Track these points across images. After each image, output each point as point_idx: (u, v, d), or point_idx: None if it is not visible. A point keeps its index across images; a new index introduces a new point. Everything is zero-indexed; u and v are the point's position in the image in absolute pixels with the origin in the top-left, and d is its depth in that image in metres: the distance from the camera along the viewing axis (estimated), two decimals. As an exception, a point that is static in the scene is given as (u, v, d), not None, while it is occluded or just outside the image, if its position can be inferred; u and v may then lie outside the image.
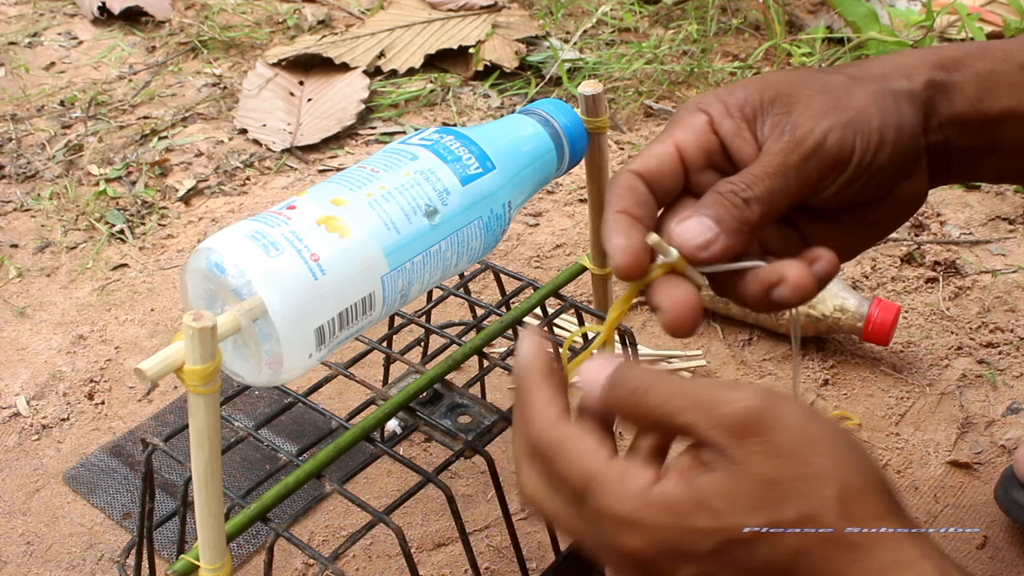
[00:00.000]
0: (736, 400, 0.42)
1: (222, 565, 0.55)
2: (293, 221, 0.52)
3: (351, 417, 0.68)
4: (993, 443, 0.98)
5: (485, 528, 0.91)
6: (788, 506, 0.41)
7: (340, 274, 0.52)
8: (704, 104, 0.54)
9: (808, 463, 0.41)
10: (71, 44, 1.80)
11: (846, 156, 0.51)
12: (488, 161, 0.59)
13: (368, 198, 0.55)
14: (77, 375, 1.08)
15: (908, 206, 0.56)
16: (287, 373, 0.52)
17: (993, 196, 1.35)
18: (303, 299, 0.50)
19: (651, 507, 0.42)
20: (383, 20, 1.78)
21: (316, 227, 0.52)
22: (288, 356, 0.51)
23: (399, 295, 0.56)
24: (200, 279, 0.51)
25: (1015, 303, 1.16)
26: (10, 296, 1.21)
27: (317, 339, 0.52)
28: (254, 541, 0.90)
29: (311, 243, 0.51)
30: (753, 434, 0.42)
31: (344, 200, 0.54)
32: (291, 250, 0.51)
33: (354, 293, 0.53)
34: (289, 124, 1.54)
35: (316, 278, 0.51)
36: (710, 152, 0.54)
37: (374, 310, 0.54)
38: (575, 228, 1.29)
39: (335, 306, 0.52)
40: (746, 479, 0.42)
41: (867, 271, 1.21)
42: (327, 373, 0.73)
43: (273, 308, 0.49)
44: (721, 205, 0.50)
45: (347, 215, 0.54)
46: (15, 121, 1.55)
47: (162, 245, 1.29)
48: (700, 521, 0.42)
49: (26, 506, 0.94)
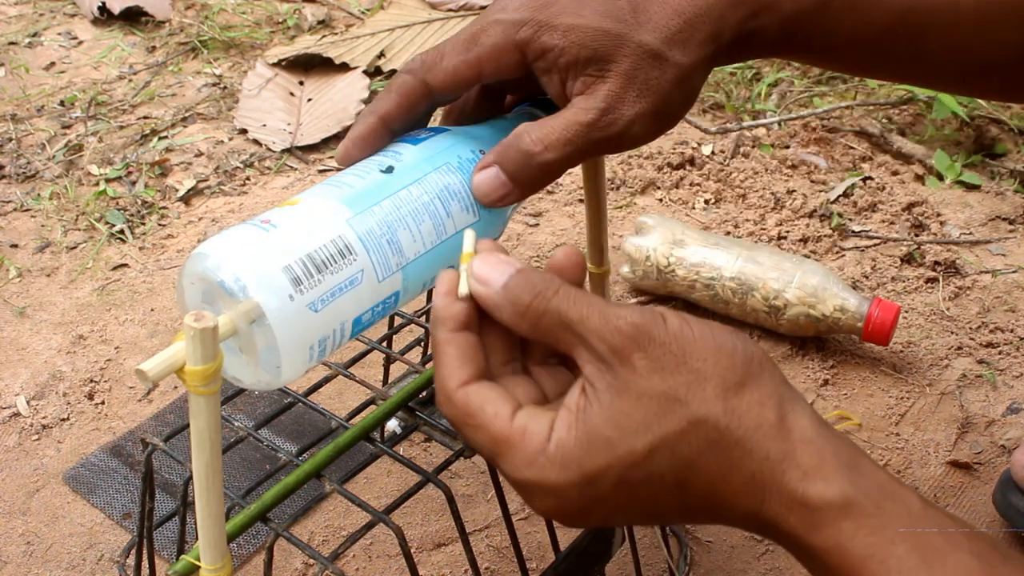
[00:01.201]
0: (625, 315, 0.46)
1: (223, 565, 0.55)
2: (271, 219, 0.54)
3: (351, 417, 0.68)
4: (993, 443, 0.98)
5: (485, 528, 0.91)
6: (673, 417, 0.44)
7: (291, 224, 0.52)
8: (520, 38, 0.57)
9: (687, 370, 0.44)
10: (71, 44, 1.80)
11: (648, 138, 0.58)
12: (443, 131, 0.60)
13: (324, 183, 0.56)
14: (77, 375, 1.08)
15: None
16: (286, 375, 0.51)
17: (993, 196, 1.35)
18: (260, 254, 0.50)
19: (550, 466, 0.45)
20: (383, 20, 1.78)
21: (272, 208, 0.54)
22: (286, 356, 0.50)
23: (382, 240, 0.54)
24: (196, 283, 0.51)
25: (1015, 303, 1.16)
26: (10, 296, 1.21)
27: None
28: (254, 541, 0.90)
29: (266, 216, 0.53)
30: (637, 348, 0.44)
31: (302, 196, 0.56)
32: (246, 227, 0.52)
33: (318, 236, 0.52)
34: (289, 124, 1.54)
35: (267, 232, 0.51)
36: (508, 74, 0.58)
37: (355, 254, 0.53)
38: (575, 228, 1.29)
39: (300, 249, 0.51)
40: (631, 399, 0.44)
41: (867, 271, 1.21)
42: (327, 373, 0.73)
43: (270, 309, 0.49)
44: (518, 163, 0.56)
45: (302, 195, 0.55)
46: (15, 121, 1.55)
47: (162, 245, 1.29)
48: (596, 460, 0.44)
49: (26, 506, 0.94)
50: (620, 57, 0.56)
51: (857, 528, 0.42)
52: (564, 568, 0.72)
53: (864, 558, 0.42)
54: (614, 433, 0.44)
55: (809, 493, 0.43)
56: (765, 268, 1.08)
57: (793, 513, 0.43)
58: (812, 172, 1.39)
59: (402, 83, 0.58)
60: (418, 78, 0.58)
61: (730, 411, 0.44)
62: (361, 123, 0.58)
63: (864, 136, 1.47)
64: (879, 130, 1.46)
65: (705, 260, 1.10)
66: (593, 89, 0.57)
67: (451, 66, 0.57)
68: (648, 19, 0.57)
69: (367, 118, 0.58)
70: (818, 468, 0.43)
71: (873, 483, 0.43)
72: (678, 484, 0.44)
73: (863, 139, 1.46)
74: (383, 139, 0.59)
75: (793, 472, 0.43)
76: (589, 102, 0.56)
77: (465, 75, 0.58)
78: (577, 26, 0.56)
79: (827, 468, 0.43)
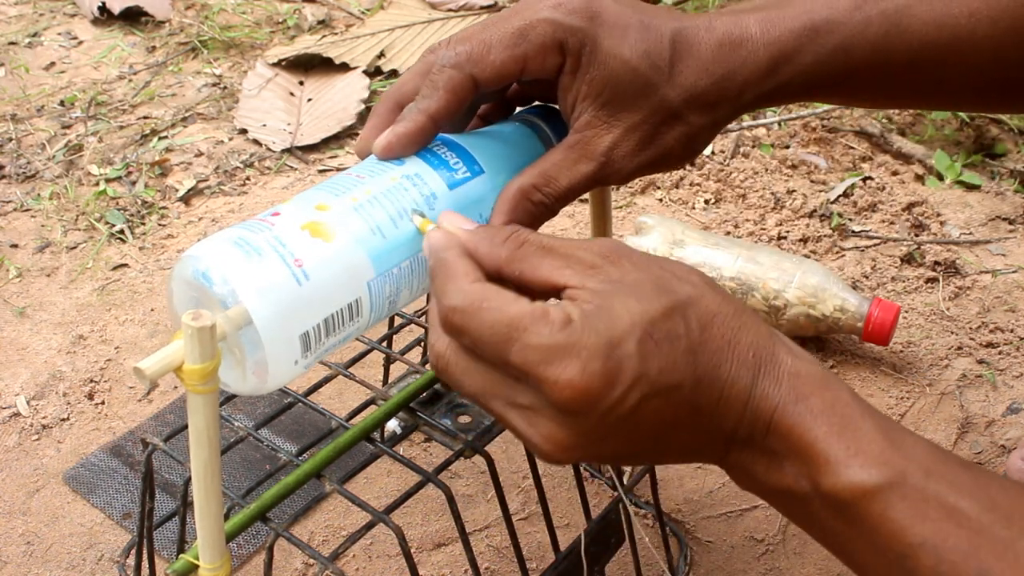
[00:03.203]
0: (598, 241, 0.49)
1: (221, 564, 0.55)
2: (276, 227, 0.51)
3: (351, 417, 0.68)
4: (993, 443, 0.98)
5: (485, 528, 0.91)
6: (680, 289, 0.47)
7: (325, 279, 0.51)
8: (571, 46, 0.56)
9: (669, 269, 0.48)
10: (71, 44, 1.80)
11: (644, 175, 0.61)
12: (476, 165, 0.58)
13: (353, 203, 0.54)
14: (77, 375, 1.08)
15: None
16: (273, 381, 0.51)
17: (993, 196, 1.35)
18: (287, 306, 0.49)
19: (577, 330, 0.45)
20: (383, 20, 1.78)
21: (300, 232, 0.51)
22: (273, 364, 0.50)
23: (387, 301, 0.55)
24: (185, 287, 0.51)
25: (1015, 303, 1.16)
26: (10, 296, 1.21)
27: (303, 346, 0.51)
28: (254, 541, 0.90)
29: (295, 249, 0.51)
30: (622, 256, 0.48)
31: (328, 205, 0.53)
32: (274, 256, 0.50)
33: (340, 299, 0.52)
34: (289, 124, 1.54)
35: (300, 284, 0.50)
36: (544, 75, 0.58)
37: (361, 316, 0.53)
38: (575, 228, 1.29)
39: (320, 312, 0.51)
40: (636, 279, 0.47)
41: (867, 271, 1.21)
42: (327, 373, 0.73)
43: (257, 316, 0.49)
44: (531, 214, 0.57)
45: (331, 220, 0.53)
46: (15, 121, 1.55)
47: (162, 245, 1.29)
48: (621, 323, 0.45)
49: (26, 506, 0.94)
50: (637, 108, 0.57)
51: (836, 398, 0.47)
52: (564, 568, 0.72)
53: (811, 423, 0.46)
54: (632, 303, 0.45)
55: (799, 367, 0.47)
56: (765, 268, 1.08)
57: (782, 385, 0.46)
58: (812, 172, 1.39)
59: (449, 79, 0.55)
60: (465, 73, 0.55)
61: (721, 294, 0.48)
62: (410, 120, 0.56)
63: (864, 136, 1.47)
64: (879, 130, 1.46)
65: (705, 260, 1.10)
66: (598, 134, 0.58)
67: (499, 61, 0.55)
68: (680, 72, 0.58)
69: (416, 116, 0.56)
70: (800, 352, 0.48)
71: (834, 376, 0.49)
72: (690, 351, 0.46)
73: (863, 139, 1.46)
74: (430, 139, 0.57)
75: (781, 348, 0.47)
76: (591, 149, 0.58)
77: (512, 71, 0.56)
78: (615, 56, 0.56)
79: (805, 354, 0.49)
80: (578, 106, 0.58)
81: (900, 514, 0.43)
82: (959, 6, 0.61)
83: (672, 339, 0.45)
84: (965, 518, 0.43)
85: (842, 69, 0.61)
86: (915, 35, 0.61)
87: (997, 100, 0.69)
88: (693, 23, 0.58)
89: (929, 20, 0.61)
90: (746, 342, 0.47)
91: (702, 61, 0.58)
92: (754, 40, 0.59)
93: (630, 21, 0.56)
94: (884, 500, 0.43)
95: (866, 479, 0.44)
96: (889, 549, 0.44)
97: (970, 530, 0.43)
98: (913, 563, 0.43)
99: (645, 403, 0.45)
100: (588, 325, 0.45)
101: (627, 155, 0.58)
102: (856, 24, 0.60)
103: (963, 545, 0.42)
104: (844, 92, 0.64)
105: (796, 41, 0.59)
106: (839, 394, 0.46)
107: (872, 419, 0.46)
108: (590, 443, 0.46)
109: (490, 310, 0.46)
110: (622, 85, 0.56)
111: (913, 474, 0.44)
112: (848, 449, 0.44)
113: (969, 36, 0.61)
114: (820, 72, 0.60)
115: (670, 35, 0.57)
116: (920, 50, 0.61)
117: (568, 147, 0.58)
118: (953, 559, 0.42)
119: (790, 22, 0.59)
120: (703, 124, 0.59)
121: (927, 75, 0.63)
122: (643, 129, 0.58)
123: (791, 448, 0.46)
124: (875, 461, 0.44)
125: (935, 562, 0.43)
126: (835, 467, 0.44)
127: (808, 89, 0.62)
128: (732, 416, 0.46)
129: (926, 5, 0.61)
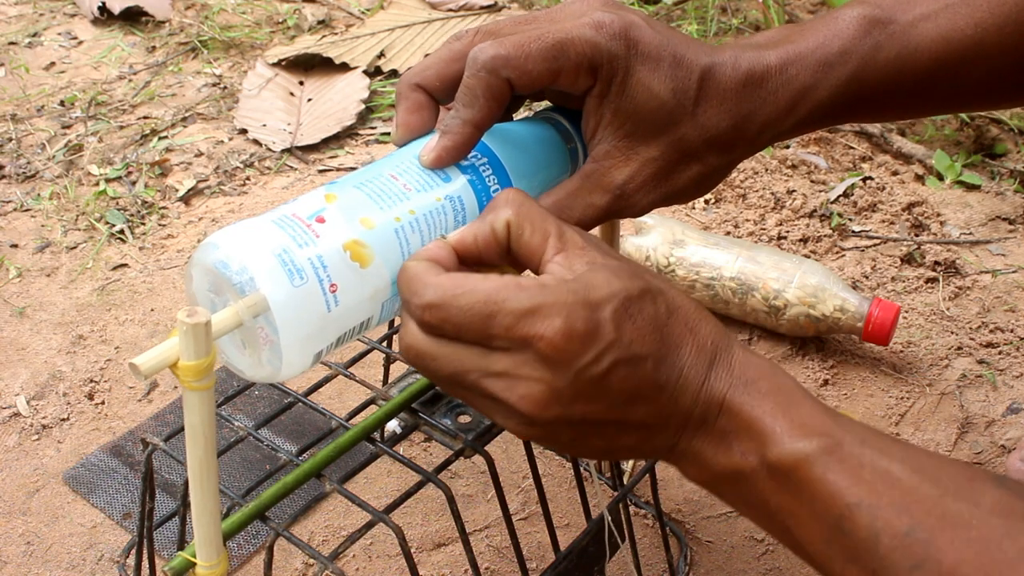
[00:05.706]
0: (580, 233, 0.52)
1: (218, 562, 0.55)
2: (321, 241, 0.51)
3: (351, 417, 0.68)
4: (993, 443, 0.98)
5: (485, 528, 0.91)
6: (651, 279, 0.50)
7: (351, 304, 0.52)
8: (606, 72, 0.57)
9: (642, 267, 0.51)
10: (71, 44, 1.80)
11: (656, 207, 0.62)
12: (508, 181, 0.59)
13: (396, 223, 0.54)
14: (77, 375, 1.08)
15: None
16: (287, 370, 0.52)
17: (993, 196, 1.35)
18: (314, 330, 0.51)
19: (553, 290, 0.48)
20: (383, 20, 1.78)
21: (342, 254, 0.52)
22: (288, 354, 0.51)
23: (392, 313, 0.56)
24: (204, 273, 0.51)
25: (1015, 303, 1.16)
26: (10, 296, 1.21)
27: (314, 360, 0.53)
28: (254, 541, 0.90)
29: (333, 272, 0.51)
30: (601, 251, 0.51)
31: (374, 223, 0.53)
32: (314, 280, 0.50)
33: (356, 319, 0.53)
34: (289, 124, 1.54)
35: (330, 310, 0.51)
36: (573, 91, 0.58)
37: (367, 328, 0.55)
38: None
39: (337, 332, 0.52)
40: (612, 266, 0.50)
41: (867, 271, 1.21)
42: (327, 373, 0.73)
43: (285, 341, 0.49)
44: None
45: (373, 242, 0.53)
46: (15, 121, 1.55)
47: (162, 245, 1.29)
48: (599, 292, 0.48)
49: (26, 506, 0.94)
50: (656, 143, 0.58)
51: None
52: (564, 568, 0.72)
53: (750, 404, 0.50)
54: (611, 276, 0.49)
55: (749, 358, 0.51)
56: (765, 268, 1.08)
57: (734, 371, 0.50)
58: (812, 172, 1.39)
59: (488, 86, 0.55)
60: (502, 78, 0.55)
61: (686, 294, 0.52)
62: (456, 134, 0.56)
63: (864, 136, 1.47)
64: (879, 130, 1.46)
65: (705, 260, 1.10)
66: (616, 165, 0.58)
67: (536, 72, 0.55)
68: (704, 111, 0.58)
69: (463, 129, 0.56)
70: (751, 349, 0.52)
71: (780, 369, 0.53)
72: (657, 329, 0.49)
73: (863, 139, 1.46)
74: (473, 146, 0.57)
75: (735, 343, 0.52)
76: (608, 181, 0.59)
77: (544, 82, 0.56)
78: (645, 89, 0.57)
79: (756, 351, 0.52)
80: (600, 132, 0.58)
81: (838, 476, 0.47)
82: (964, 19, 0.62)
83: (643, 315, 0.49)
84: (896, 480, 0.46)
85: (856, 97, 0.62)
86: (924, 53, 0.62)
87: (1011, 98, 0.70)
88: (721, 59, 0.59)
89: (937, 37, 0.62)
90: (705, 332, 0.51)
91: (726, 102, 0.58)
92: (774, 79, 0.59)
93: (663, 54, 0.57)
94: (823, 464, 0.47)
95: (807, 447, 0.48)
96: (828, 512, 0.47)
97: (901, 490, 0.46)
98: (850, 524, 0.46)
99: (614, 369, 0.48)
100: (564, 286, 0.48)
101: (641, 190, 0.59)
102: (867, 50, 0.61)
103: (896, 503, 0.46)
104: (857, 115, 0.65)
105: (812, 78, 0.60)
106: (784, 380, 0.51)
107: (813, 400, 0.50)
108: (562, 406, 0.48)
109: (464, 293, 0.48)
110: (647, 118, 0.57)
111: (849, 443, 0.48)
112: (792, 423, 0.48)
113: (977, 46, 0.62)
114: (835, 103, 0.61)
115: (699, 72, 0.58)
116: (930, 66, 0.62)
117: (584, 176, 0.59)
118: (887, 516, 0.45)
119: (807, 57, 0.60)
120: (718, 164, 0.60)
121: (938, 89, 0.64)
122: (659, 165, 0.59)
123: (740, 425, 0.49)
124: (815, 432, 0.48)
125: (870, 520, 0.46)
126: (779, 438, 0.48)
127: (822, 119, 0.62)
128: (688, 396, 0.50)
129: (932, 22, 0.62)
